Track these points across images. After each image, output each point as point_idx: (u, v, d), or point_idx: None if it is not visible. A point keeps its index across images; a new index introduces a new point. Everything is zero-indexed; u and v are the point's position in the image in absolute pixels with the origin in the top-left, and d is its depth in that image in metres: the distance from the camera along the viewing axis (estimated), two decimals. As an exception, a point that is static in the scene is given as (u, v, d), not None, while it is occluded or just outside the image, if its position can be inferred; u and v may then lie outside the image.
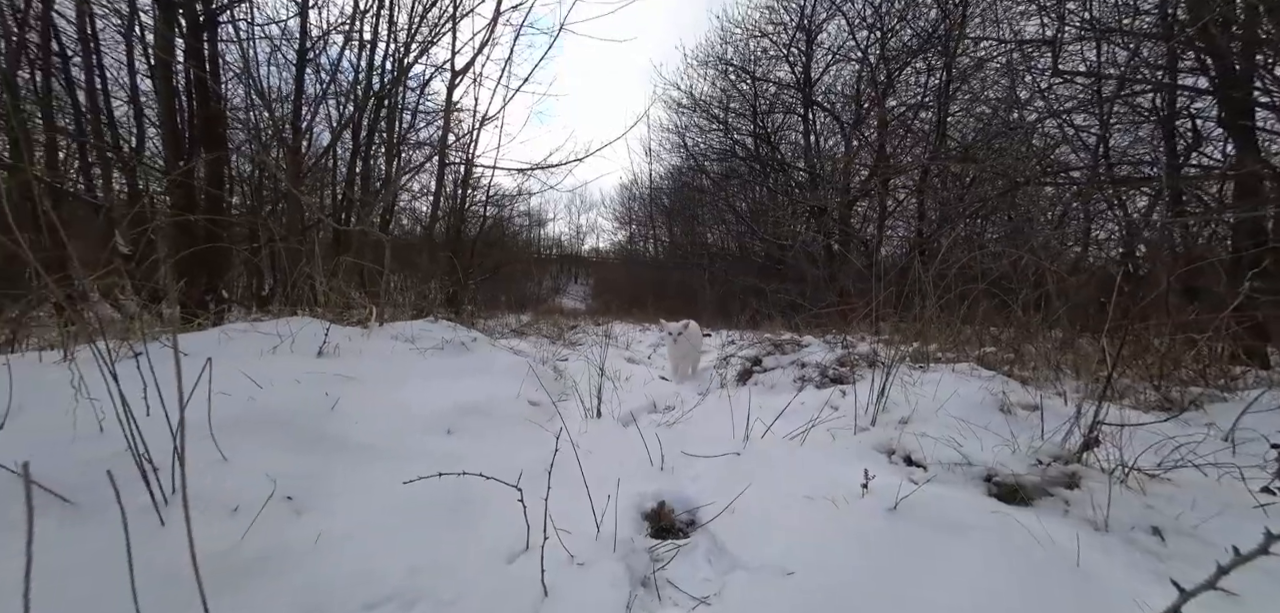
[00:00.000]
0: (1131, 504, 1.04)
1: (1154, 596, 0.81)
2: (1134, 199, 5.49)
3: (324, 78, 6.28)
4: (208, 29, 4.74)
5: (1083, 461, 1.19)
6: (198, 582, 0.61)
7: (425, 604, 0.82)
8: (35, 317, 2.34)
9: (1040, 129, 6.00)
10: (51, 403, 1.12)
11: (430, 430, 1.60)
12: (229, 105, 5.50)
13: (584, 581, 0.96)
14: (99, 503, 0.85)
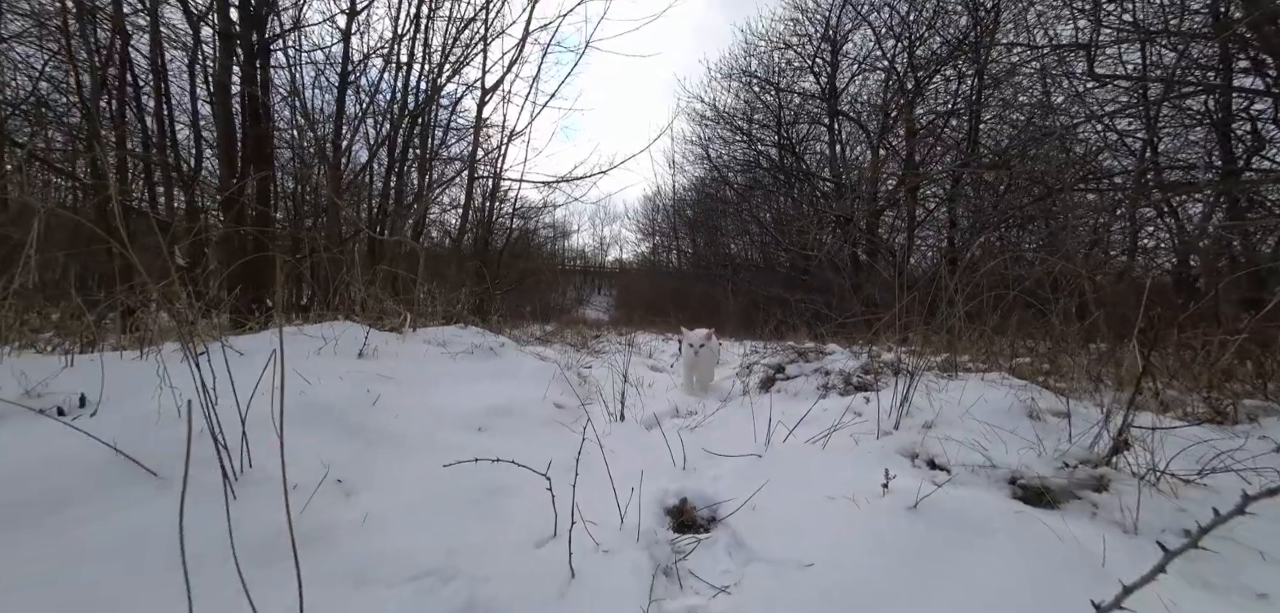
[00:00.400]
0: (1163, 508, 1.02)
1: (1186, 600, 0.80)
2: (1185, 206, 5.22)
3: (363, 99, 6.64)
4: (261, 57, 5.12)
5: (1112, 464, 1.17)
6: (292, 541, 0.69)
7: (461, 581, 0.89)
8: (109, 320, 2.57)
9: (1079, 135, 5.78)
10: (135, 393, 1.26)
11: (462, 428, 1.69)
12: (276, 126, 5.89)
13: (609, 566, 1.01)
14: (179, 477, 0.95)
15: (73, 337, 2.07)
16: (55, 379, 1.27)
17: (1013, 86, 6.84)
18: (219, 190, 5.12)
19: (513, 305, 10.48)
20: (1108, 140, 5.61)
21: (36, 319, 2.24)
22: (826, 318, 6.31)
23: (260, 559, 0.86)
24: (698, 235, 16.13)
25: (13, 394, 1.11)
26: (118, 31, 4.83)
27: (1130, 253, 5.62)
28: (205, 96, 5.92)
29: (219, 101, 5.01)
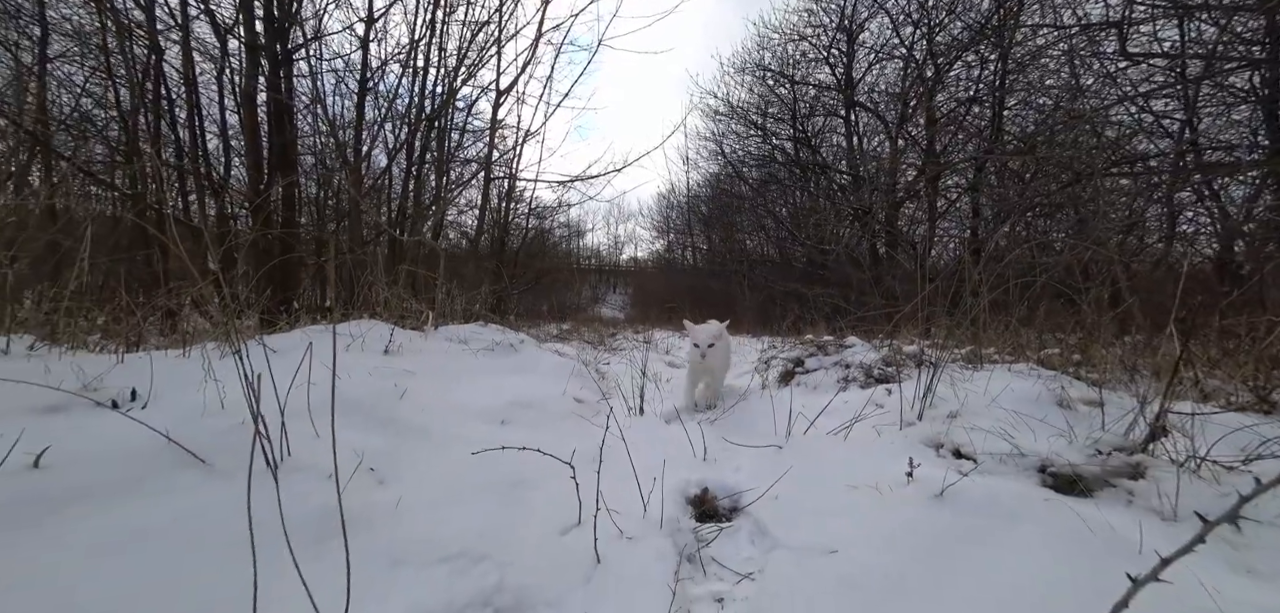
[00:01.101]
0: (1204, 494, 0.99)
1: (1229, 585, 0.78)
2: (1227, 189, 4.97)
3: (381, 104, 6.79)
4: (285, 66, 5.28)
5: (1149, 452, 1.13)
6: (341, 524, 0.72)
7: (490, 563, 0.91)
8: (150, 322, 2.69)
9: (1112, 117, 5.55)
10: (180, 388, 1.32)
11: (486, 421, 1.72)
12: (299, 134, 6.07)
13: (633, 553, 1.03)
14: (227, 464, 1.00)
15: (118, 338, 2.18)
16: (108, 375, 1.34)
17: (1039, 69, 6.61)
18: (247, 197, 5.30)
19: (529, 305, 10.60)
20: (1142, 122, 5.38)
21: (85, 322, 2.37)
22: (845, 312, 6.22)
23: (304, 540, 0.90)
24: (713, 232, 16.04)
25: (73, 388, 1.18)
26: (152, 47, 5.04)
27: (1167, 239, 5.38)
28: (232, 107, 6.13)
29: (246, 111, 5.19)
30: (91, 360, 1.53)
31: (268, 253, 4.41)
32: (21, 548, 0.73)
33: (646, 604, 0.86)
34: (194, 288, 3.07)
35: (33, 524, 0.76)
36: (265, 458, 1.02)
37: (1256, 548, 0.85)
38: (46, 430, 0.94)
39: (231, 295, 1.64)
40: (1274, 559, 0.81)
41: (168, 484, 0.92)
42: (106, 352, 1.88)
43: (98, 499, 0.83)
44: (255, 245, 4.22)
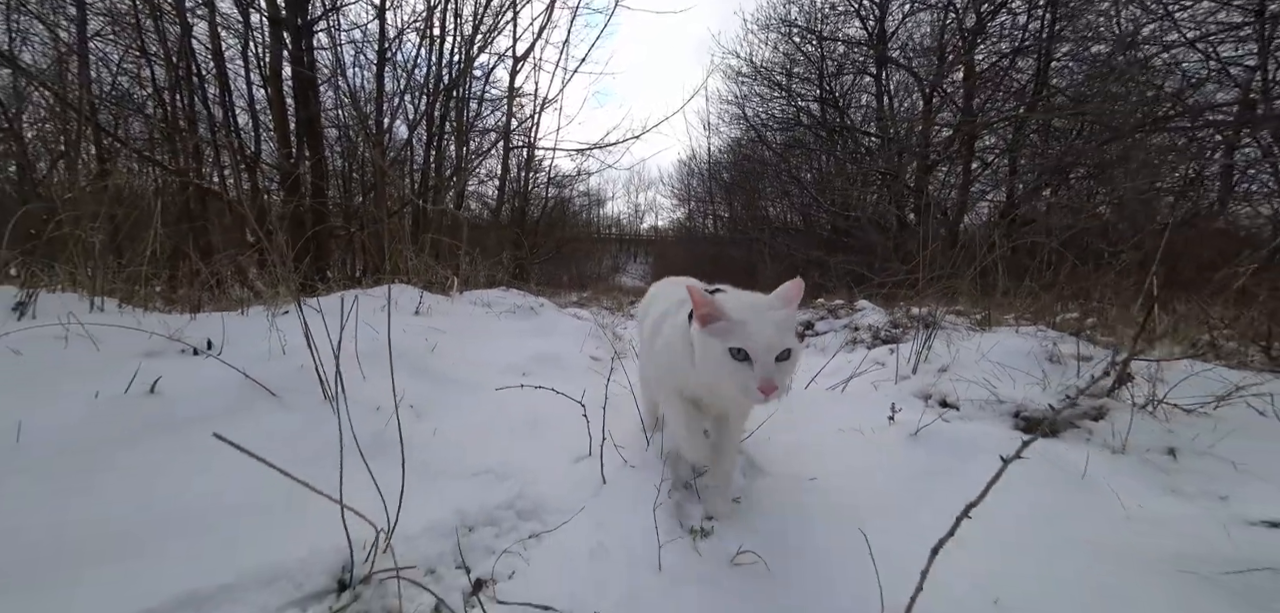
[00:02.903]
0: (1153, 430, 1.07)
1: (1153, 504, 0.88)
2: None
3: (401, 75, 6.90)
4: (305, 37, 5.42)
5: (1114, 396, 1.21)
6: (400, 438, 0.89)
7: (515, 480, 1.08)
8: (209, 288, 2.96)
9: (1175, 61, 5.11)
10: (246, 340, 1.52)
11: (509, 372, 1.90)
12: (323, 107, 6.26)
13: (634, 477, 1.18)
14: (294, 398, 1.19)
15: (180, 302, 2.43)
16: (185, 329, 1.55)
17: (1097, 13, 6.08)
18: (282, 171, 5.56)
19: (550, 274, 10.82)
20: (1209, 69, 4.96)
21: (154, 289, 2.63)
22: (867, 279, 6.18)
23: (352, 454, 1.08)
24: (735, 199, 15.81)
25: (163, 335, 1.39)
26: (181, 23, 5.23)
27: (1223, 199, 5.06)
28: (257, 82, 6.34)
29: (272, 86, 5.39)
30: (168, 319, 1.75)
31: (301, 224, 4.68)
32: (158, 453, 0.92)
33: (644, 515, 1.02)
34: (243, 256, 3.33)
35: (163, 435, 0.95)
36: (324, 392, 1.20)
37: (1186, 473, 0.94)
38: (152, 368, 1.14)
39: (282, 262, 1.83)
40: (1201, 483, 0.90)
41: (250, 409, 1.11)
42: (173, 313, 2.12)
43: (202, 419, 1.03)
44: (291, 218, 4.48)
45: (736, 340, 0.80)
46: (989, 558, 0.71)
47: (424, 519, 0.88)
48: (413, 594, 0.73)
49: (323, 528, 0.77)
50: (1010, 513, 0.91)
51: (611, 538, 0.88)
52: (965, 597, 0.64)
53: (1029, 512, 0.88)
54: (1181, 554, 0.67)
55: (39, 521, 0.75)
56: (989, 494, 0.62)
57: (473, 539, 0.87)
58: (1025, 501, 0.91)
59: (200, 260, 2.29)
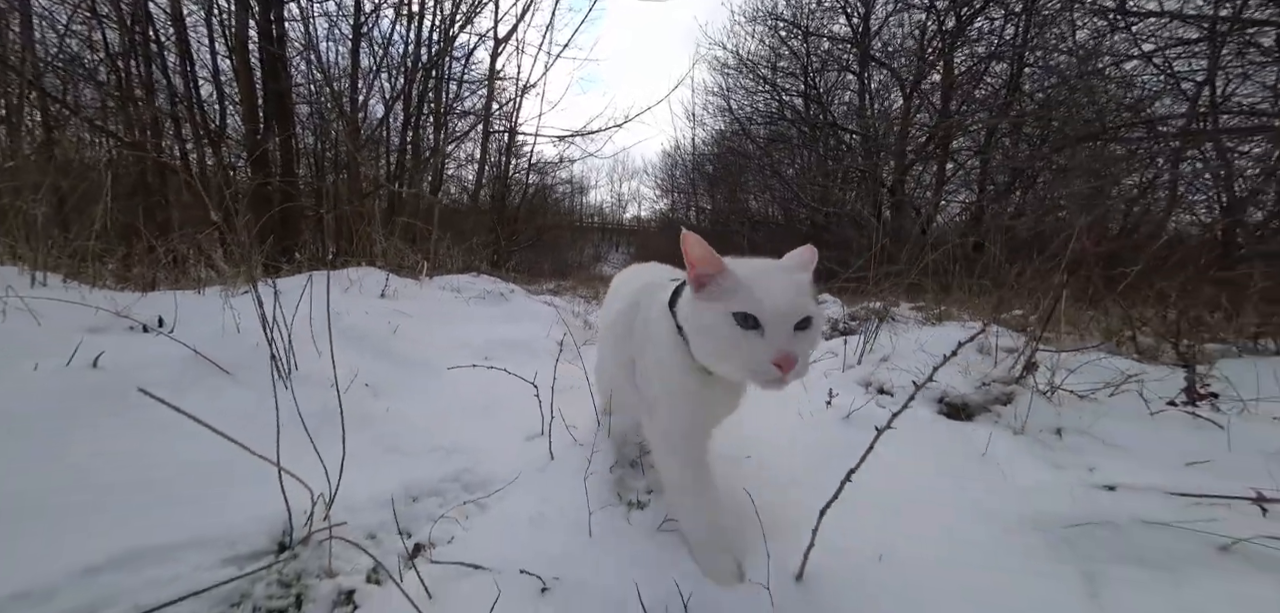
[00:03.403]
0: (1048, 413, 1.19)
1: (1027, 475, 0.99)
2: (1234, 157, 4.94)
3: (377, 52, 6.72)
4: (275, 7, 5.23)
5: (1021, 383, 1.33)
6: (339, 405, 0.93)
7: (465, 454, 1.13)
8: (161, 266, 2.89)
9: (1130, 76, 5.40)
10: (199, 319, 1.52)
11: (470, 355, 1.93)
12: (294, 83, 6.05)
13: (582, 453, 1.24)
14: (247, 375, 1.21)
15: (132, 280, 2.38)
16: (135, 306, 1.54)
17: (1063, 25, 6.36)
18: (245, 147, 5.38)
19: (530, 262, 10.74)
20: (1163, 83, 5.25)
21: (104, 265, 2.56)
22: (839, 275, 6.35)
23: (310, 427, 1.11)
24: (717, 191, 15.91)
25: (109, 315, 1.38)
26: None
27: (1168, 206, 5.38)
28: (223, 52, 6.09)
29: (238, 57, 5.19)
30: (117, 296, 1.73)
31: (268, 203, 4.55)
32: (99, 424, 0.94)
33: (588, 488, 1.08)
34: (204, 234, 3.25)
35: (105, 407, 0.97)
36: (277, 369, 1.23)
37: (1067, 450, 1.05)
38: (97, 344, 1.14)
39: (241, 242, 1.81)
40: (1077, 458, 1.02)
41: (202, 386, 1.13)
42: (124, 291, 2.08)
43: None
44: (256, 195, 4.36)
45: (742, 303, 0.64)
46: (882, 521, 0.79)
47: (370, 491, 0.93)
48: (352, 556, 0.78)
49: (266, 496, 0.81)
50: (916, 485, 1.01)
51: (550, 507, 0.94)
52: (853, 551, 0.72)
53: (930, 483, 0.98)
54: (1037, 512, 0.77)
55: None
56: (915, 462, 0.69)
57: (416, 509, 0.92)
58: (930, 474, 1.01)
59: (156, 238, 2.24)
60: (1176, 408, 1.18)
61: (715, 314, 0.66)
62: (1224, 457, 0.95)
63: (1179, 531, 0.69)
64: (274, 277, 2.24)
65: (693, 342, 0.71)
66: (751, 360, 0.64)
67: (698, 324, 0.69)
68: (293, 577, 0.72)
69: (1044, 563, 0.68)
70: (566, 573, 0.74)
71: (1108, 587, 0.63)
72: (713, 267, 0.69)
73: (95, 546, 0.69)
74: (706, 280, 0.70)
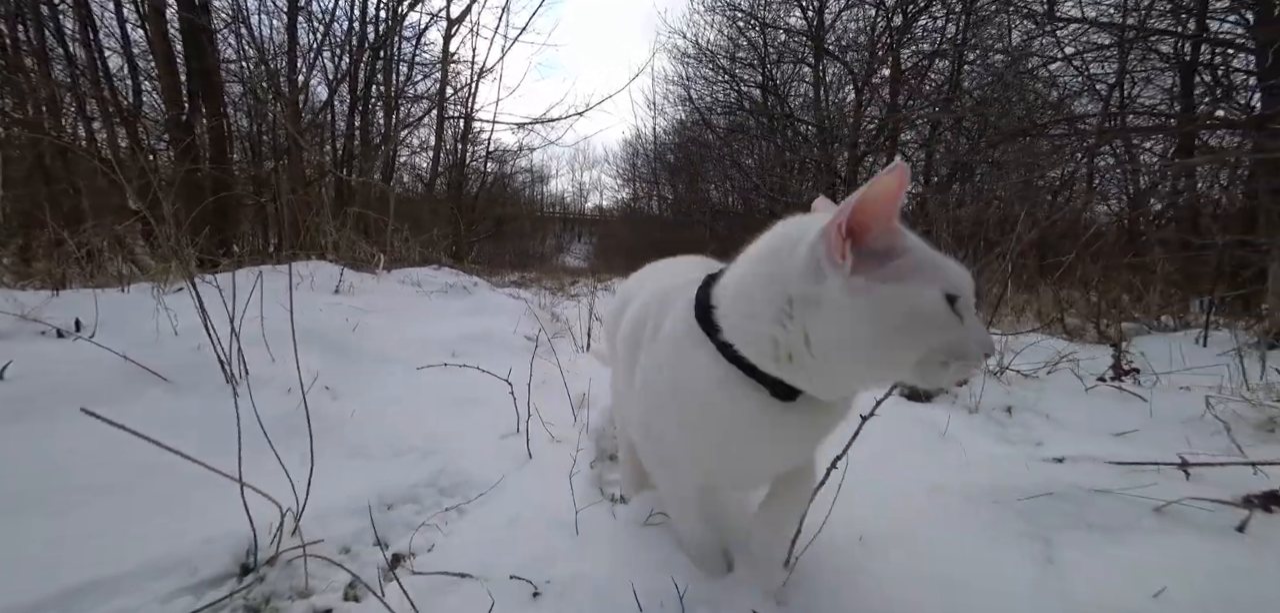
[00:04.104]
0: (998, 392, 1.29)
1: (982, 450, 1.07)
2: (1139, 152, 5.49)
3: (317, 28, 6.25)
4: (196, -28, 4.74)
5: (975, 365, 1.44)
6: (305, 410, 0.86)
7: (439, 456, 1.09)
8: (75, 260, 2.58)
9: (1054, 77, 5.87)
10: (126, 320, 1.37)
11: (437, 352, 1.85)
12: (222, 58, 5.52)
13: (560, 451, 1.23)
14: (189, 382, 1.11)
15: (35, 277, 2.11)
16: (45, 308, 1.37)
17: (997, 26, 6.84)
18: (167, 128, 4.87)
19: (489, 253, 10.43)
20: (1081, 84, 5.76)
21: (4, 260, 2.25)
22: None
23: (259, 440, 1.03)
24: (679, 181, 16.00)
25: (11, 318, 1.22)
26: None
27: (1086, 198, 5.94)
28: (135, 21, 5.47)
29: (152, 26, 4.66)
30: (19, 296, 1.53)
31: (199, 191, 4.15)
32: (19, 446, 0.83)
33: (565, 485, 1.07)
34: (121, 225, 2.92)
35: (22, 431, 0.85)
36: (224, 375, 1.13)
37: (1016, 426, 1.15)
38: (2, 352, 1.00)
39: (172, 234, 1.64)
40: (1026, 433, 1.11)
41: (140, 398, 1.02)
42: (27, 289, 1.85)
43: (71, 407, 0.93)
44: (186, 183, 3.96)
45: (940, 279, 0.48)
46: (859, 503, 0.83)
47: (340, 499, 0.87)
48: (327, 573, 0.73)
49: (225, 513, 0.74)
50: (886, 466, 1.06)
51: (530, 507, 0.92)
52: (836, 537, 0.75)
53: (900, 465, 1.03)
54: (995, 487, 0.83)
55: None
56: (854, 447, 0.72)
57: (391, 517, 0.87)
58: (897, 455, 1.06)
59: (63, 229, 1.99)
60: (1105, 383, 1.31)
61: (918, 295, 0.47)
62: (1148, 425, 1.06)
63: (1121, 496, 0.77)
64: (214, 272, 2.06)
65: (852, 339, 0.49)
66: (963, 350, 0.48)
67: (879, 312, 0.47)
68: (261, 601, 0.67)
69: (1006, 534, 0.74)
70: (556, 574, 0.73)
71: (1061, 551, 0.69)
72: (893, 231, 0.49)
73: (25, 586, 0.61)
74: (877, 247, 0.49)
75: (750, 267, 0.58)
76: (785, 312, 0.52)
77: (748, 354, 0.54)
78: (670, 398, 0.62)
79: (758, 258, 0.58)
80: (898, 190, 0.48)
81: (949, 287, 0.47)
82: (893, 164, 0.47)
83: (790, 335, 0.52)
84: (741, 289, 0.57)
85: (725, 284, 0.60)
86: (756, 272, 0.56)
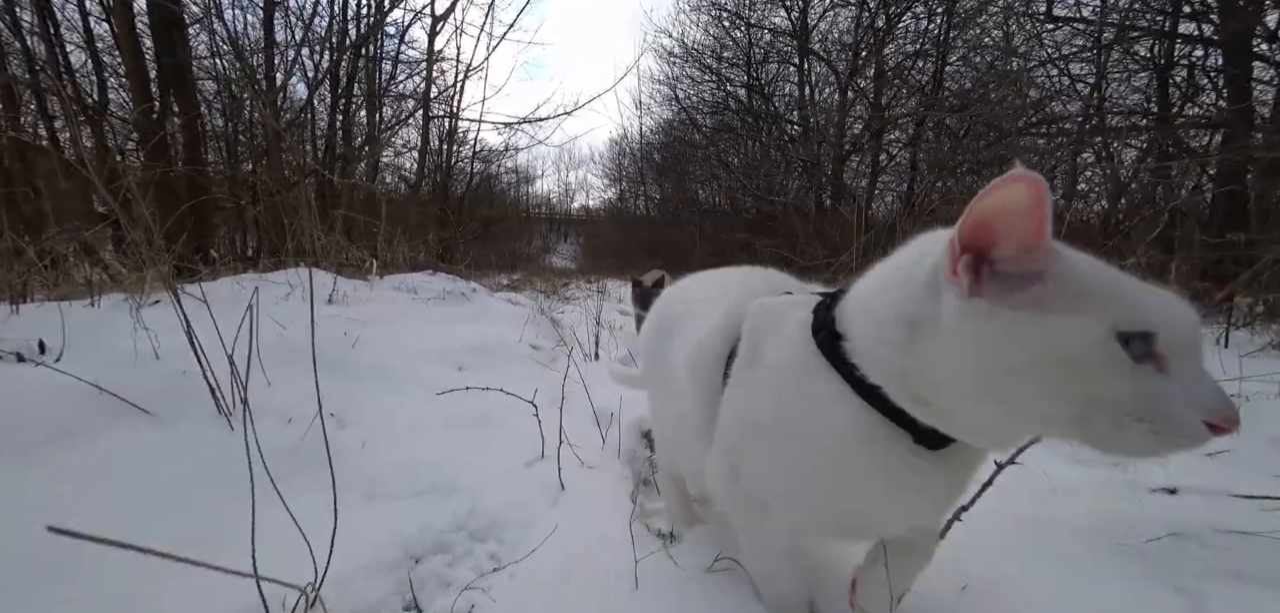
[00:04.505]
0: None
1: (1063, 471, 1.00)
2: (1122, 152, 5.61)
3: (294, 24, 6.01)
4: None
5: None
6: (329, 460, 0.74)
7: (463, 493, 0.97)
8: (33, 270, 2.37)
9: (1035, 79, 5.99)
10: (97, 339, 1.22)
11: (443, 365, 1.73)
12: (194, 53, 5.25)
13: (594, 479, 1.12)
14: (172, 412, 0.97)
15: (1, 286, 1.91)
16: (4, 325, 1.21)
17: (979, 27, 6.94)
18: (136, 126, 4.60)
19: (477, 254, 10.21)
20: (1061, 85, 5.87)
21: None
22: (790, 261, 6.53)
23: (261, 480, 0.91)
24: (665, 180, 15.94)
25: (-36, 341, 1.06)
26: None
27: (1068, 196, 6.05)
28: (99, 14, 5.17)
29: (118, 19, 4.40)
30: (-24, 311, 1.36)
31: (173, 193, 3.92)
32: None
33: (607, 519, 0.96)
34: (92, 231, 2.71)
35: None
36: (216, 404, 0.99)
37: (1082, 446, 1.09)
38: (-50, 384, 0.86)
39: (150, 240, 1.48)
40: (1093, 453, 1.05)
41: (114, 431, 0.88)
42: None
43: (31, 448, 0.79)
44: (159, 185, 3.72)
45: (1118, 314, 0.37)
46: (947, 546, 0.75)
47: (361, 555, 0.75)
48: (350, 649, 0.62)
49: (229, 586, 0.62)
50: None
51: (579, 555, 0.81)
52: (934, 586, 0.67)
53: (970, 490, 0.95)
54: (1102, 523, 0.76)
55: None
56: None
57: (422, 572, 0.76)
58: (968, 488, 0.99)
59: (24, 235, 1.81)
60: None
61: (1059, 329, 0.37)
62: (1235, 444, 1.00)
63: (1269, 540, 0.67)
64: (198, 282, 1.90)
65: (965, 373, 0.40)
66: (1158, 412, 0.36)
67: (1000, 344, 0.38)
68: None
69: (1133, 582, 0.66)
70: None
71: (1210, 605, 0.61)
72: (1041, 252, 0.39)
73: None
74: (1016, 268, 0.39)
75: (879, 281, 0.50)
76: (909, 335, 0.44)
77: (888, 390, 0.46)
78: (780, 439, 0.53)
79: (887, 270, 0.50)
80: (1030, 202, 0.38)
81: (1127, 322, 0.36)
82: (1014, 171, 0.38)
83: (915, 364, 0.44)
84: (870, 307, 0.48)
85: (852, 302, 0.51)
86: (884, 285, 0.49)
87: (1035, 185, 0.37)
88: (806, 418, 0.50)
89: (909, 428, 0.46)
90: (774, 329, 0.56)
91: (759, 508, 0.59)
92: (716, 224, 12.04)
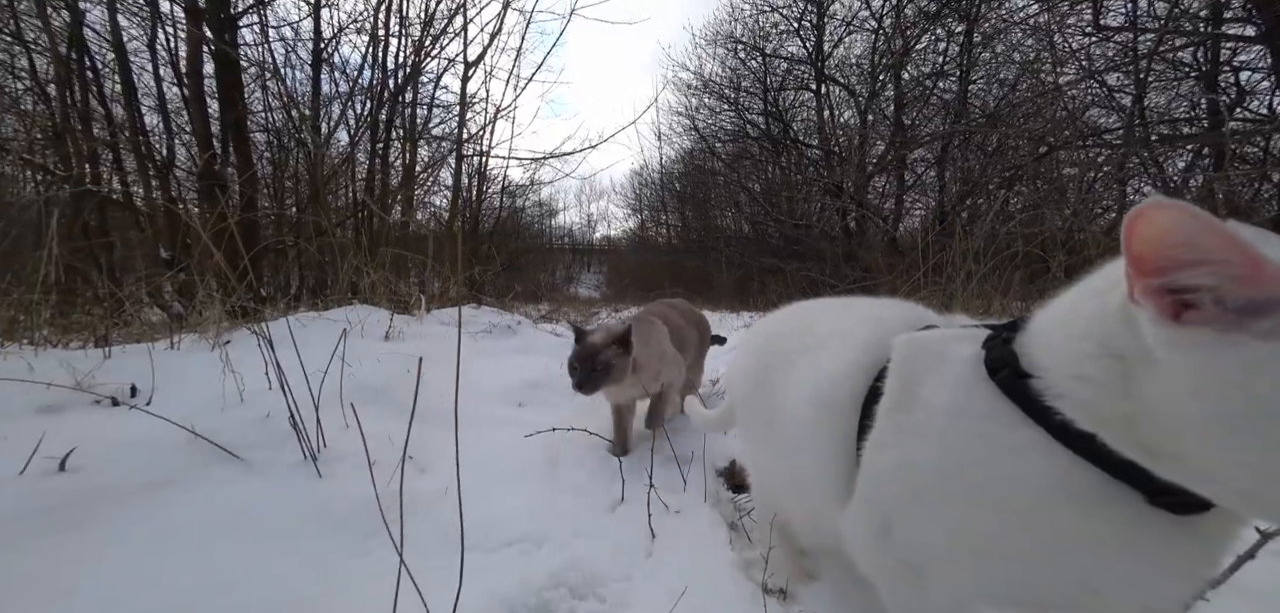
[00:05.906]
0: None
1: None
2: (1172, 161, 5.33)
3: (338, 78, 6.40)
4: (230, 31, 4.87)
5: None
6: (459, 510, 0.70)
7: (553, 544, 0.91)
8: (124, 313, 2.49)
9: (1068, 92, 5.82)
10: (184, 381, 1.24)
11: (504, 402, 1.70)
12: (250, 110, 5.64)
13: (683, 525, 1.05)
14: (262, 459, 0.96)
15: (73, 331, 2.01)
16: (99, 370, 1.24)
17: (1006, 43, 6.82)
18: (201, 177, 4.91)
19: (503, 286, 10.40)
20: (1097, 97, 5.68)
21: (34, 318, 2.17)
22: (822, 284, 6.38)
23: (354, 533, 0.87)
24: (687, 208, 16.04)
25: (67, 385, 1.09)
26: (70, 7, 4.51)
27: (1120, 209, 5.75)
28: (170, 79, 5.61)
29: (191, 85, 4.77)
30: (70, 358, 1.41)
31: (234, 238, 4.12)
32: (65, 550, 0.67)
33: (709, 570, 0.89)
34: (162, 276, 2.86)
35: (94, 537, 0.70)
36: (303, 451, 0.98)
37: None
38: (57, 431, 0.86)
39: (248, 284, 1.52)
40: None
41: (208, 478, 0.87)
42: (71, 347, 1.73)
43: (133, 499, 0.78)
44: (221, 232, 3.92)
45: None
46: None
47: None
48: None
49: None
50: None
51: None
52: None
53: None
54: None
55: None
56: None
57: (528, 634, 0.70)
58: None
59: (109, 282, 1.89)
60: None
61: None
62: None
63: None
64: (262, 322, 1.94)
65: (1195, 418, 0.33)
66: None
67: (1232, 382, 0.31)
68: None
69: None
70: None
71: None
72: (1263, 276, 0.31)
73: None
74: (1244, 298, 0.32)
75: (1069, 308, 0.44)
76: (1120, 373, 0.37)
77: (1106, 437, 0.38)
78: (951, 496, 0.46)
79: (1076, 297, 0.43)
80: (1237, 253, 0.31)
81: None
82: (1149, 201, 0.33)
83: (1138, 408, 0.36)
84: (1058, 342, 0.42)
85: (1037, 335, 0.44)
86: (1074, 315, 0.42)
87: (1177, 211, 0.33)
88: (991, 471, 0.43)
89: (1142, 486, 0.38)
90: (934, 368, 0.50)
91: (914, 571, 0.52)
92: (741, 250, 11.98)
